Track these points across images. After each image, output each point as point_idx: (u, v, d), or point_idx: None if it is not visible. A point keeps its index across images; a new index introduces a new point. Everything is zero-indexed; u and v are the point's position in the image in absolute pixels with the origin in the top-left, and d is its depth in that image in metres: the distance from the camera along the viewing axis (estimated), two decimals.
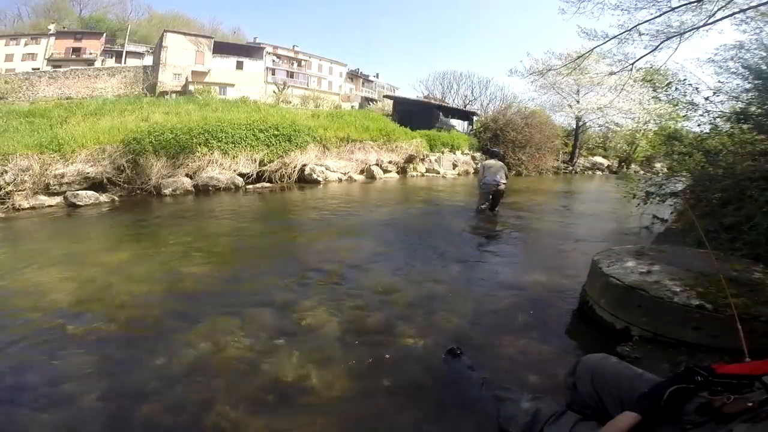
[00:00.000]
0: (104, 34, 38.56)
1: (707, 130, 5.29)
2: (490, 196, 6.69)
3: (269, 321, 2.65)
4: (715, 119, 5.03)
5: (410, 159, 13.84)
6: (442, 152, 15.38)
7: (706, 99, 5.03)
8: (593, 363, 1.42)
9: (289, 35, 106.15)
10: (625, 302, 2.35)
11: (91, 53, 36.31)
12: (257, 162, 10.39)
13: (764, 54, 5.21)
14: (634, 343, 2.18)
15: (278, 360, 2.18)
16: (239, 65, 35.67)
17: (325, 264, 3.85)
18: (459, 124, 19.63)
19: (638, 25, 6.01)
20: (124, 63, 35.79)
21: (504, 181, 6.63)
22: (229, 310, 2.81)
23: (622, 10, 6.12)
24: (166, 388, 1.94)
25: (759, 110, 4.53)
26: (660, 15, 5.79)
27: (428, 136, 15.10)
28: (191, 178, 9.19)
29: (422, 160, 14.54)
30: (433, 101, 22.97)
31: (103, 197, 7.67)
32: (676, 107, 5.81)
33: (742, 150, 5.03)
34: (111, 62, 36.48)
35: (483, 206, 6.76)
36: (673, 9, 5.56)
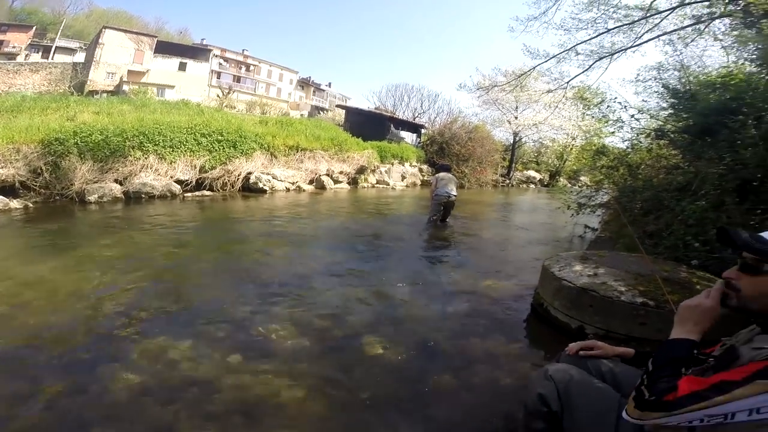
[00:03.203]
0: (34, 28, 34.32)
1: (630, 146, 5.93)
2: (442, 208, 6.90)
3: (224, 338, 2.42)
4: (638, 135, 5.65)
5: (362, 170, 13.87)
6: (392, 164, 15.63)
7: (632, 117, 5.62)
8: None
9: (241, 40, 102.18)
10: (578, 303, 2.52)
11: (14, 47, 32.03)
12: (197, 168, 9.77)
13: (680, 75, 5.85)
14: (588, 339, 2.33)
15: (241, 378, 1.99)
16: (182, 66, 34.04)
17: (277, 277, 3.64)
18: (408, 137, 20.11)
19: (576, 45, 6.69)
20: (52, 59, 32.09)
21: (455, 193, 6.88)
22: (175, 328, 2.52)
23: (565, 30, 6.77)
24: (109, 419, 1.68)
25: (674, 127, 5.13)
26: (597, 36, 6.49)
27: (379, 148, 15.26)
28: (121, 184, 8.38)
29: (373, 171, 14.65)
30: (384, 113, 23.36)
31: (15, 203, 6.67)
32: (606, 123, 6.41)
33: (657, 164, 5.70)
34: (37, 57, 32.48)
35: (435, 217, 6.94)
36: (608, 30, 6.25)
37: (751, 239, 1.00)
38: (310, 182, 12.27)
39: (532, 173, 25.03)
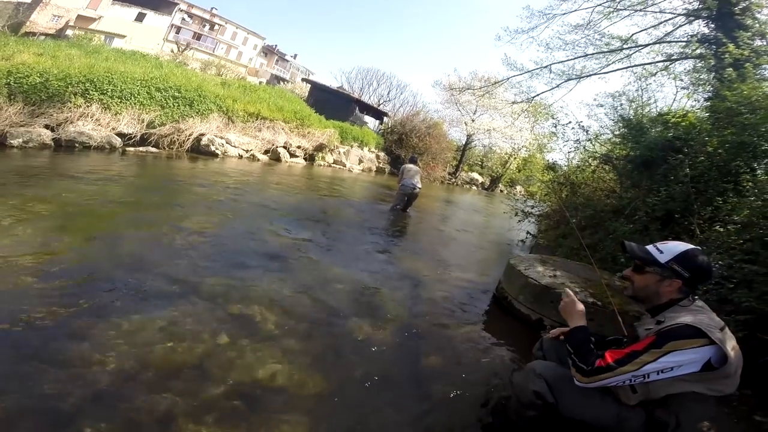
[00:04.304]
0: None
1: (577, 166, 6.60)
2: (406, 198, 7.19)
3: (203, 316, 2.23)
4: (588, 158, 6.32)
5: (320, 147, 13.70)
6: (351, 146, 15.61)
7: (589, 140, 6.20)
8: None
9: None
10: (540, 299, 2.94)
11: None
12: (144, 123, 9.00)
13: (635, 105, 6.28)
14: (546, 332, 2.75)
15: (232, 360, 1.89)
16: (140, 17, 32.47)
17: (237, 251, 3.48)
18: (371, 122, 20.11)
19: (552, 64, 7.20)
20: None
21: (419, 186, 7.21)
22: (142, 302, 2.24)
23: (547, 48, 7.24)
24: (97, 406, 1.49)
25: (618, 155, 5.77)
26: (574, 59, 7.03)
27: (341, 128, 15.14)
28: (53, 130, 7.48)
29: (332, 150, 14.53)
30: (351, 95, 23.00)
31: None
32: (566, 142, 6.91)
33: (596, 186, 6.46)
34: None
35: (398, 206, 7.22)
36: (586, 55, 6.80)
37: (637, 250, 1.47)
38: (266, 152, 11.91)
39: (475, 175, 26.47)
